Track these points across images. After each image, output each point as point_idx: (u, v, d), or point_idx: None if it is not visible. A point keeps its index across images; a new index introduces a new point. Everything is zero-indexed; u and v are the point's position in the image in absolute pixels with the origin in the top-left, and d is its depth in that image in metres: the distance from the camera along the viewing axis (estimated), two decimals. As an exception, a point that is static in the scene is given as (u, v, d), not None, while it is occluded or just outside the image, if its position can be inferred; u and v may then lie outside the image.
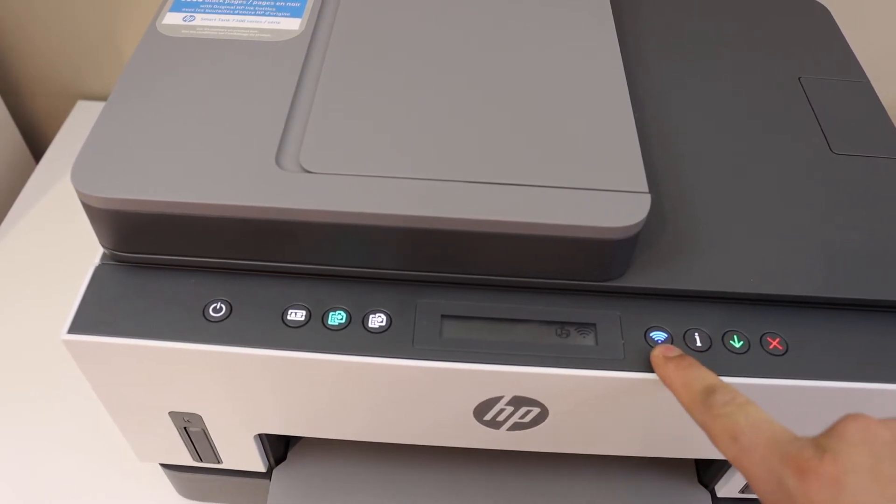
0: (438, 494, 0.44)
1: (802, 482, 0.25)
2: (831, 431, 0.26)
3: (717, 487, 0.43)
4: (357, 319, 0.33)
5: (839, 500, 0.24)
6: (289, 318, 0.33)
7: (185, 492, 0.48)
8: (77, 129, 0.77)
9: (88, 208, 0.32)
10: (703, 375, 0.30)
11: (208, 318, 0.33)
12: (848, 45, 0.48)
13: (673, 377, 0.31)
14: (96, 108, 0.78)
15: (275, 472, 0.44)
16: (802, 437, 0.26)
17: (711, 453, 0.39)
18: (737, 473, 0.41)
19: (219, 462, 0.41)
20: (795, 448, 0.25)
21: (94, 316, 0.33)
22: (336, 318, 0.33)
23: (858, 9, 0.65)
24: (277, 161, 0.33)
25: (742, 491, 0.42)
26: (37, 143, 0.83)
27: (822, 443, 0.25)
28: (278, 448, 0.44)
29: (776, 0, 0.51)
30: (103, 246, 0.35)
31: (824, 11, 0.51)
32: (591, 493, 0.44)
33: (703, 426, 0.29)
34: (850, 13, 0.55)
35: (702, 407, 0.29)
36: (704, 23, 0.49)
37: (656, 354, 0.32)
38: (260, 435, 0.39)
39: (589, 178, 0.33)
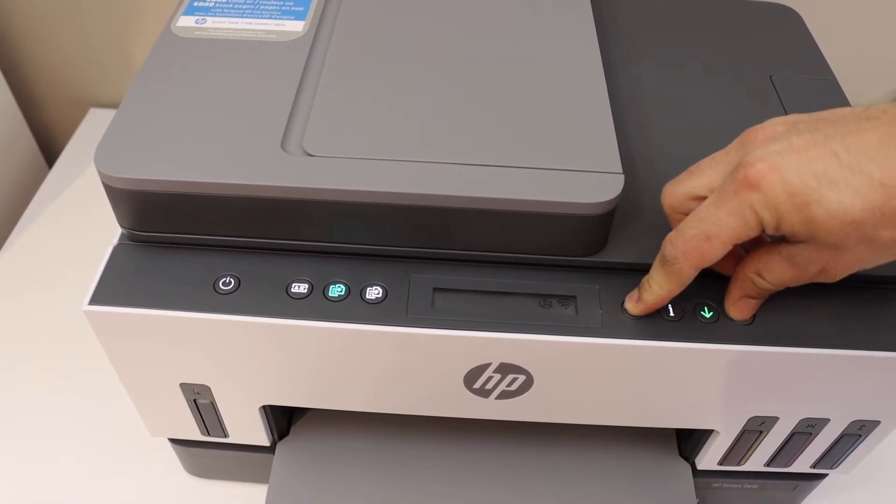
0: (436, 468, 0.46)
1: (755, 191, 0.29)
2: (740, 149, 0.31)
3: (697, 460, 0.46)
4: (356, 292, 0.36)
5: (789, 171, 0.28)
6: (292, 290, 0.36)
7: (192, 469, 0.50)
8: (89, 136, 0.80)
9: (109, 189, 0.35)
10: (651, 274, 0.35)
11: (218, 290, 0.36)
12: (817, 47, 0.51)
13: (652, 294, 0.35)
14: (108, 115, 0.82)
15: (278, 446, 0.47)
16: (724, 181, 0.31)
17: (691, 423, 0.42)
18: (713, 445, 0.43)
19: (226, 436, 0.44)
20: (730, 186, 0.30)
21: (112, 289, 0.36)
22: (336, 290, 0.36)
23: (827, 14, 0.68)
24: (283, 146, 0.36)
25: (720, 463, 0.45)
26: (50, 150, 0.87)
27: (740, 162, 0.30)
28: (281, 423, 0.46)
29: (749, 5, 0.54)
30: (121, 226, 0.37)
31: (795, 16, 0.54)
32: (573, 466, 0.47)
33: (685, 268, 0.33)
34: (819, 18, 0.58)
35: (668, 261, 0.33)
36: (680, 25, 0.52)
37: (632, 307, 0.36)
38: (264, 407, 0.42)
39: (568, 160, 0.36)
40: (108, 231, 0.38)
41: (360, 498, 0.45)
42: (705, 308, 0.36)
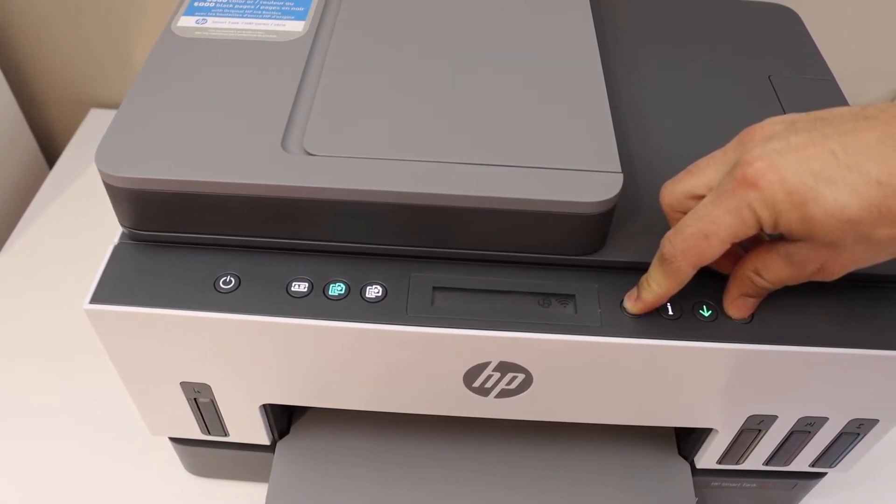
0: (436, 467, 0.47)
1: (753, 189, 0.29)
2: (738, 148, 0.31)
3: (696, 458, 0.46)
4: (355, 290, 0.36)
5: (787, 168, 0.28)
6: (292, 289, 0.36)
7: (192, 468, 0.50)
8: (89, 136, 0.80)
9: (110, 188, 0.35)
10: (650, 273, 0.35)
11: (218, 289, 0.36)
12: (816, 47, 0.51)
13: (650, 293, 0.35)
14: (108, 115, 0.82)
15: (278, 445, 0.47)
16: (722, 179, 0.31)
17: (690, 422, 0.42)
18: (712, 444, 0.43)
19: (226, 435, 0.44)
20: (728, 185, 0.30)
21: (113, 288, 0.36)
22: (336, 289, 0.36)
23: (826, 14, 0.69)
24: (283, 145, 0.36)
25: (719, 461, 0.45)
26: (50, 150, 0.87)
27: (739, 160, 0.30)
28: (282, 422, 0.46)
29: (748, 5, 0.54)
30: (122, 225, 0.38)
31: (794, 16, 0.54)
32: (573, 465, 0.47)
33: (684, 266, 0.33)
34: (818, 18, 0.58)
35: (666, 259, 0.33)
36: (679, 26, 0.52)
37: (631, 306, 0.36)
38: (264, 406, 0.42)
39: (567, 159, 0.36)
40: (108, 231, 0.38)
41: (361, 497, 0.45)
42: (704, 307, 0.36)
